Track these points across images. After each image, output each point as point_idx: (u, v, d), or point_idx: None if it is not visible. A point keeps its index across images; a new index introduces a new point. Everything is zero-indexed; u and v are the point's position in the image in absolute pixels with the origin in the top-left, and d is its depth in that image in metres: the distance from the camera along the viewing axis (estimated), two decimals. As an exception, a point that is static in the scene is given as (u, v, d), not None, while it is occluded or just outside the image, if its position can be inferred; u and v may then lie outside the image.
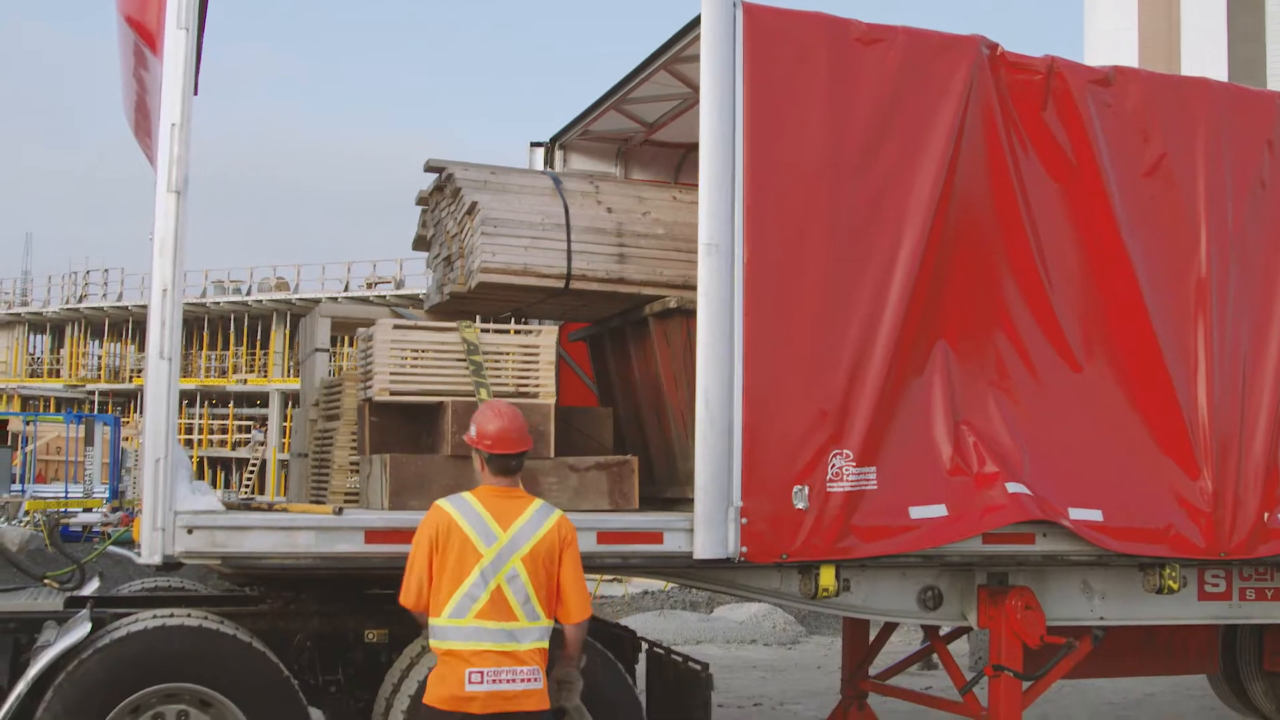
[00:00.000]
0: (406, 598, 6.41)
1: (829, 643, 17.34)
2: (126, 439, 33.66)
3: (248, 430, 51.52)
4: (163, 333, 7.12)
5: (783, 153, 7.87)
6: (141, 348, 57.99)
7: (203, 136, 7.66)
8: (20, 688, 6.92)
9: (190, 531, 7.02)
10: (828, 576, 7.86)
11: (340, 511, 7.51)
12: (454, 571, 6.24)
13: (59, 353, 61.90)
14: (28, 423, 33.52)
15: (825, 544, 7.74)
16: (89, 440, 30.10)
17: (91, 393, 57.48)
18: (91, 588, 8.14)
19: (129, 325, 59.03)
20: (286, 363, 53.88)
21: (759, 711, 12.63)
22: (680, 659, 8.32)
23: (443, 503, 6.39)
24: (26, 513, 25.21)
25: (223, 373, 55.63)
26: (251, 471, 47.30)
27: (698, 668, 8.09)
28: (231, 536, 7.11)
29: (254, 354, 56.39)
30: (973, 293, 8.29)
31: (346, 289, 53.46)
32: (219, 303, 56.07)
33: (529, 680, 6.28)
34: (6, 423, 33.96)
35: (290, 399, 47.57)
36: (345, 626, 7.89)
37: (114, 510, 23.61)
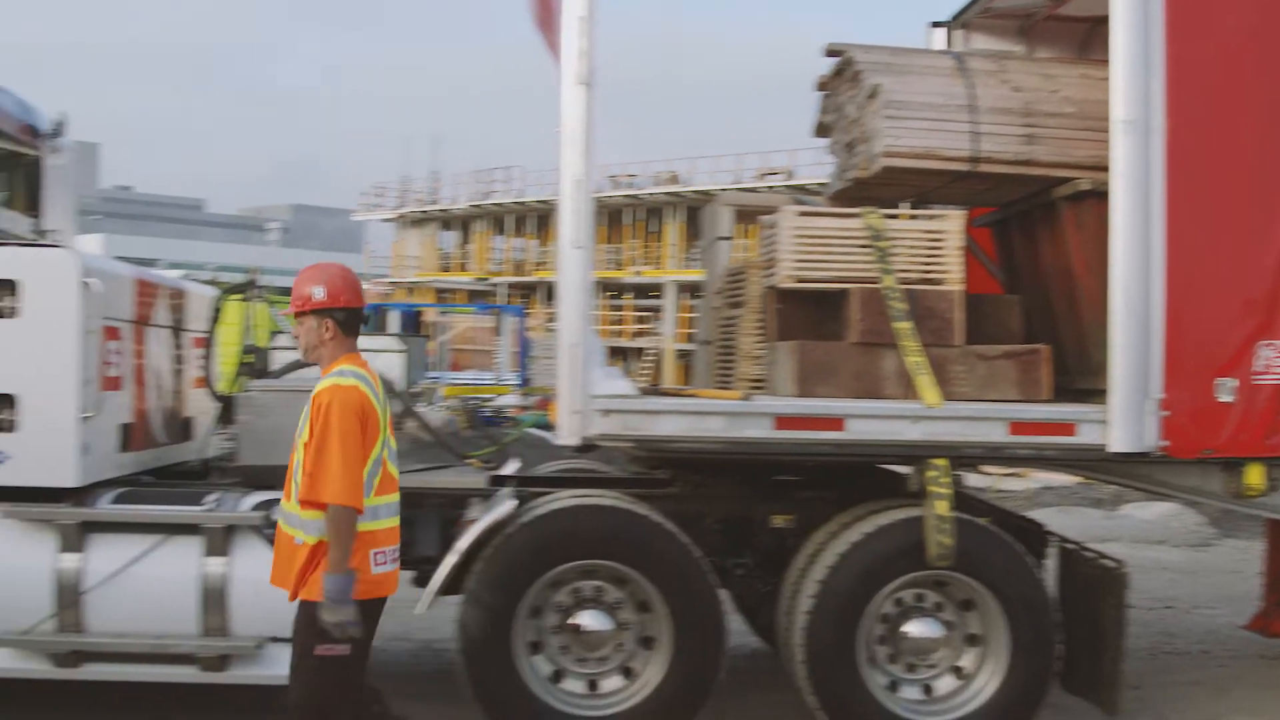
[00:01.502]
0: (355, 492, 5.56)
1: (1245, 546, 16.45)
2: (531, 329, 35.03)
3: (644, 321, 52.81)
4: (575, 223, 7.32)
5: (1206, 19, 7.39)
6: (543, 242, 60.20)
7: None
8: (451, 558, 7.36)
9: (605, 415, 7.27)
10: (1256, 474, 7.47)
11: (749, 397, 7.60)
12: (369, 449, 5.72)
13: (466, 247, 64.90)
14: (442, 314, 35.36)
15: (1254, 439, 7.35)
16: (498, 330, 31.51)
17: (497, 285, 60.09)
18: (512, 468, 8.52)
19: (530, 220, 61.29)
20: (680, 254, 54.81)
21: (1171, 615, 12.14)
22: (1092, 555, 8.07)
23: (352, 382, 5.69)
24: (444, 398, 26.64)
25: (618, 265, 57.06)
26: (650, 360, 48.57)
27: (1111, 565, 7.83)
28: (644, 420, 7.32)
29: (648, 246, 57.60)
30: None
31: (738, 180, 53.76)
32: (614, 196, 57.40)
33: (398, 560, 5.94)
34: (422, 313, 35.95)
35: (685, 289, 48.45)
36: (752, 511, 8.02)
37: (524, 395, 24.73)
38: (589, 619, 7.51)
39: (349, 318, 5.84)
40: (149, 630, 7.33)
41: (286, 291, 6.28)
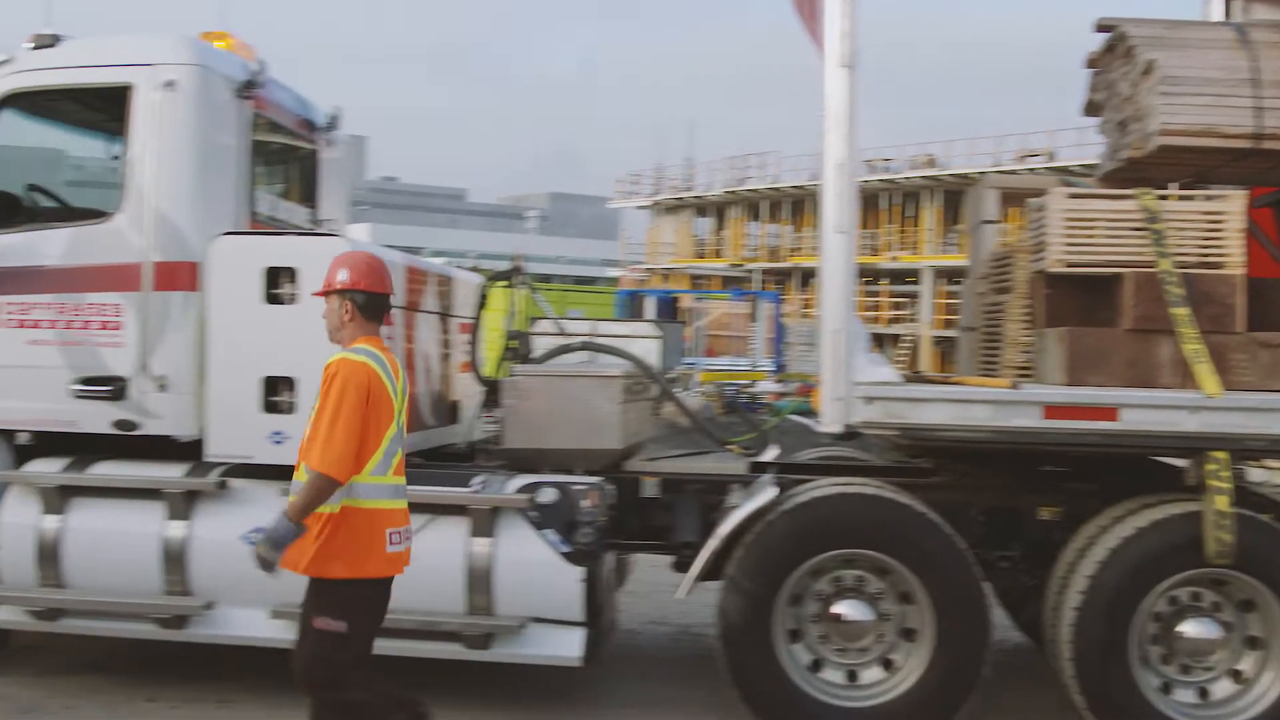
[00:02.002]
0: (345, 466, 5.68)
1: None
2: (786, 315, 34.96)
3: (900, 307, 52.13)
4: (838, 207, 7.24)
5: None
6: (798, 227, 59.93)
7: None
8: (712, 544, 7.36)
9: (869, 402, 7.16)
10: None
11: (1017, 386, 7.39)
12: (378, 429, 5.82)
13: (721, 233, 65.07)
14: (697, 300, 35.58)
15: None
16: (753, 316, 31.56)
17: (752, 271, 60.06)
18: (771, 454, 8.49)
19: (785, 206, 61.10)
20: (937, 239, 53.91)
21: None
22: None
23: (361, 358, 5.84)
24: (699, 384, 26.84)
25: (874, 250, 56.42)
26: (906, 347, 47.93)
27: None
28: (908, 408, 7.18)
29: (904, 231, 56.79)
30: None
31: (997, 163, 52.54)
32: (869, 181, 56.75)
33: (410, 539, 6.08)
34: (678, 300, 36.28)
35: (942, 275, 47.62)
36: (1018, 502, 7.81)
37: (779, 381, 24.74)
38: (849, 609, 7.41)
39: (369, 301, 6.04)
40: (417, 607, 7.52)
41: (546, 279, 6.37)
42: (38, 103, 8.50)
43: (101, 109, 8.63)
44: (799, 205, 59.44)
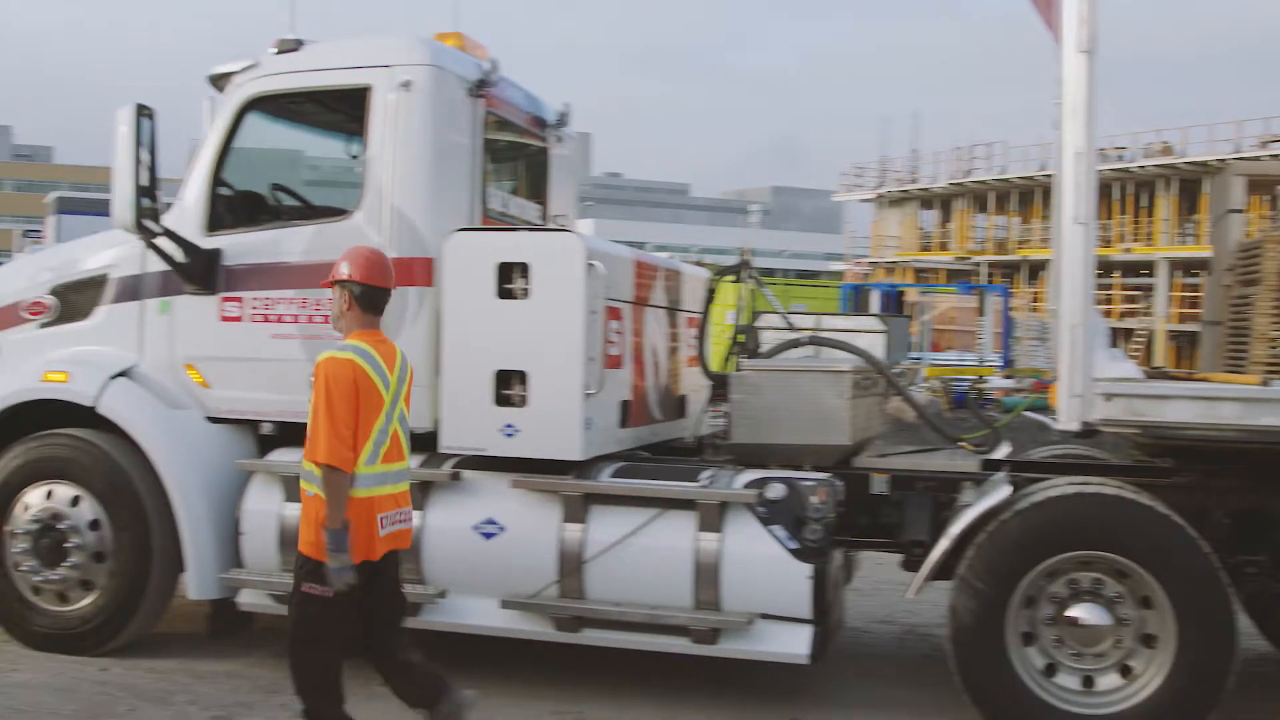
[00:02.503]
0: (342, 453, 6.06)
1: None
2: (1014, 309, 34.22)
3: (1133, 300, 50.53)
4: (1076, 197, 7.03)
5: None
6: (1026, 219, 58.58)
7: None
8: (944, 543, 7.22)
9: (1108, 399, 6.93)
10: None
11: (1267, 382, 7.07)
12: (366, 419, 6.19)
13: (947, 226, 64.00)
14: (923, 294, 35.08)
15: None
16: (980, 310, 30.95)
17: (978, 264, 58.96)
18: (1003, 451, 8.29)
19: (1013, 197, 59.78)
20: (1173, 229, 52.06)
21: None
22: None
23: (346, 354, 6.22)
24: (925, 379, 26.43)
25: (1106, 242, 54.82)
26: (1139, 342, 46.46)
27: None
28: (1150, 405, 6.93)
29: (1138, 222, 55.03)
30: None
31: (1237, 150, 50.44)
32: (1101, 170, 55.00)
33: (410, 519, 6.52)
34: (904, 294, 35.83)
35: (1177, 267, 45.98)
36: (1268, 505, 7.46)
37: (1009, 377, 24.21)
38: (1086, 612, 7.17)
39: (365, 293, 6.41)
40: (644, 600, 7.57)
41: (769, 273, 6.35)
42: (280, 105, 8.80)
43: (341, 110, 8.90)
44: (1027, 196, 58.07)
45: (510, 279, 7.68)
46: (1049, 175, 51.14)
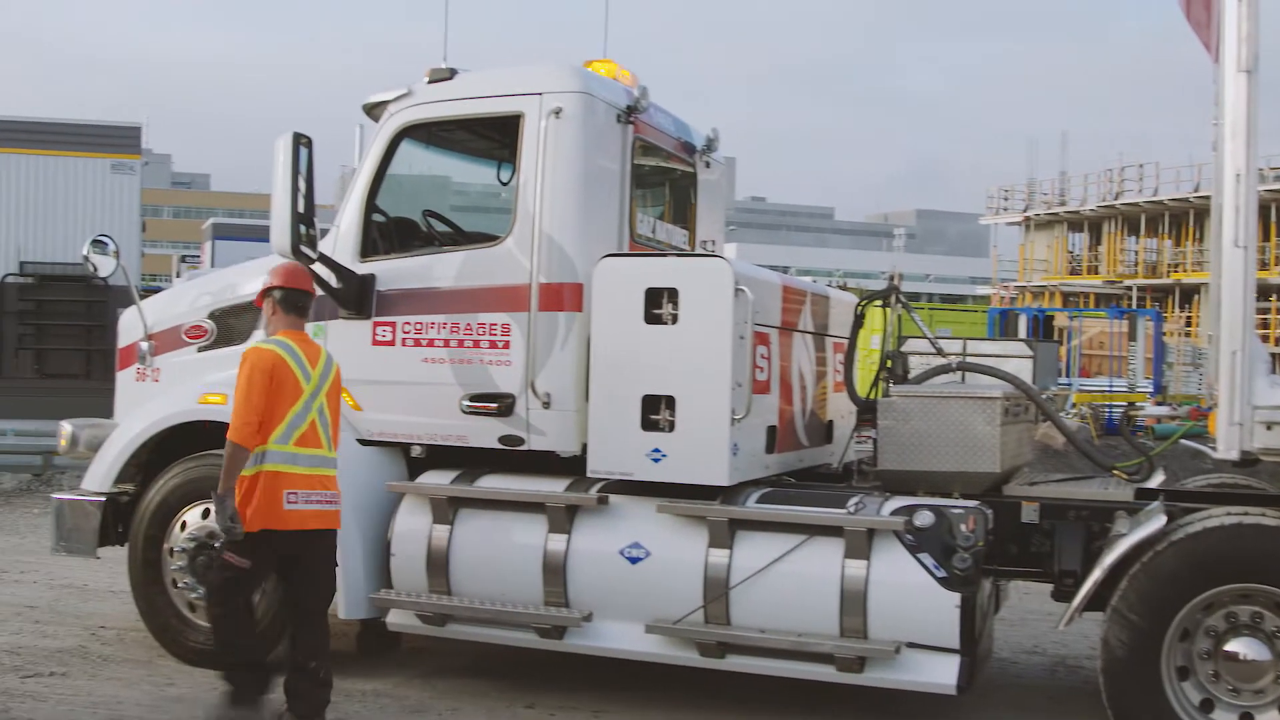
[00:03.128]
0: (247, 434, 7.07)
1: None
2: (1167, 334, 33.46)
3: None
4: (1237, 220, 6.89)
5: None
6: (1178, 243, 57.25)
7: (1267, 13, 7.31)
8: (1096, 574, 7.07)
9: (1269, 427, 6.76)
10: None
11: None
12: (282, 404, 7.18)
13: (1096, 249, 62.84)
14: (1071, 318, 34.46)
15: None
16: (1131, 335, 30.29)
17: (1129, 288, 57.77)
18: (1158, 480, 8.11)
19: (1165, 220, 58.50)
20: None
21: None
22: None
23: (270, 346, 7.31)
24: (1073, 405, 25.95)
25: (1264, 265, 53.32)
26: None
27: None
28: (1317, 433, 6.73)
29: (1296, 244, 53.45)
30: None
31: None
32: (1262, 191, 53.52)
33: (332, 501, 7.35)
34: (1052, 318, 35.23)
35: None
36: None
37: (1161, 403, 23.67)
38: (1245, 647, 6.97)
39: (286, 296, 7.50)
40: (789, 628, 7.52)
41: (914, 297, 6.30)
42: (432, 132, 8.96)
43: (491, 137, 9.04)
44: (1180, 219, 56.80)
45: (658, 304, 7.70)
46: (1204, 197, 50.05)
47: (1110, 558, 7.04)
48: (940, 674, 7.33)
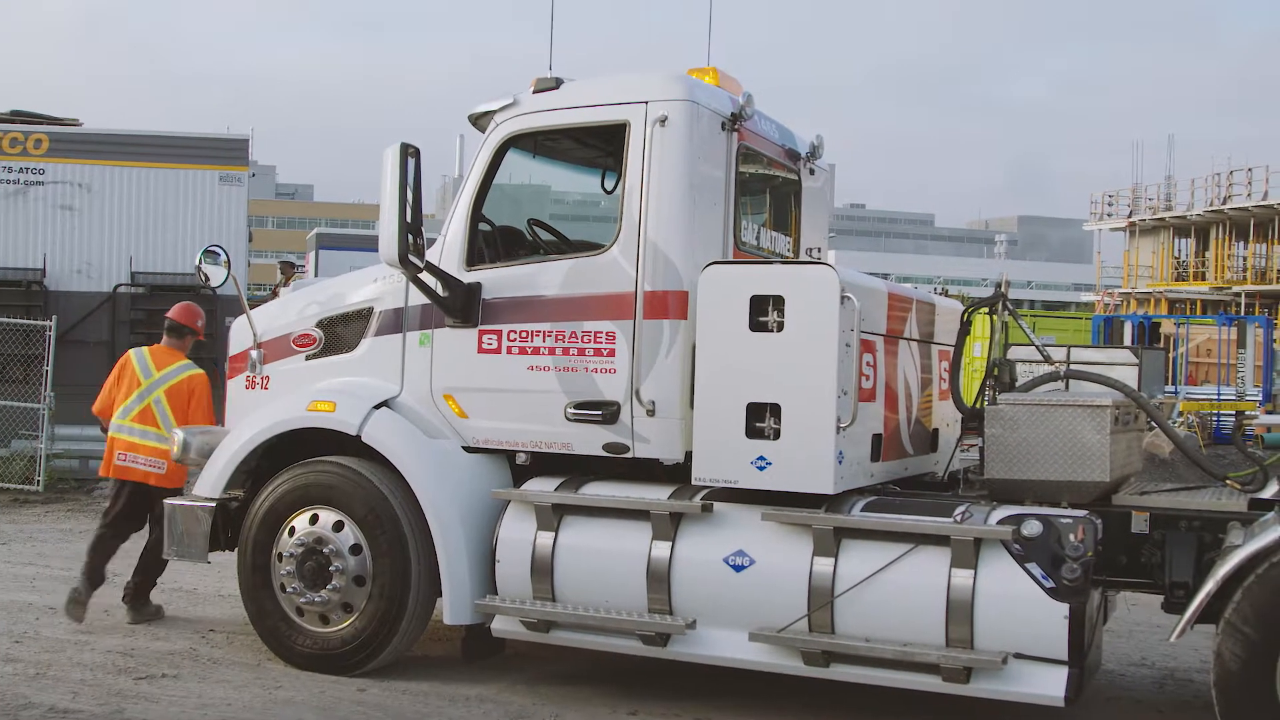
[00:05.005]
0: (99, 409, 10.65)
1: None
2: (1277, 341, 32.70)
3: None
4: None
5: None
6: (1289, 248, 56.06)
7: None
8: (1209, 586, 6.94)
9: (1391, 439, 6.59)
10: None
11: None
12: (124, 389, 10.50)
13: (1203, 255, 61.72)
14: (1178, 325, 33.82)
15: None
16: (1240, 342, 29.64)
17: (1237, 294, 56.67)
18: (1272, 490, 7.94)
19: (1274, 225, 57.32)
20: None
21: None
22: None
23: (129, 351, 10.71)
24: (1180, 413, 25.45)
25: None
26: None
27: None
28: None
29: None
30: None
31: None
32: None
33: (156, 466, 10.31)
34: (1159, 325, 34.60)
35: None
36: None
37: (1269, 412, 23.17)
38: (1365, 663, 6.83)
39: (171, 326, 10.79)
40: (894, 637, 7.48)
41: (1017, 304, 6.23)
42: (538, 142, 9.03)
43: (596, 146, 9.10)
44: (1287, 225, 55.63)
45: (764, 311, 7.69)
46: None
47: (1224, 569, 6.91)
48: (1048, 685, 7.24)
